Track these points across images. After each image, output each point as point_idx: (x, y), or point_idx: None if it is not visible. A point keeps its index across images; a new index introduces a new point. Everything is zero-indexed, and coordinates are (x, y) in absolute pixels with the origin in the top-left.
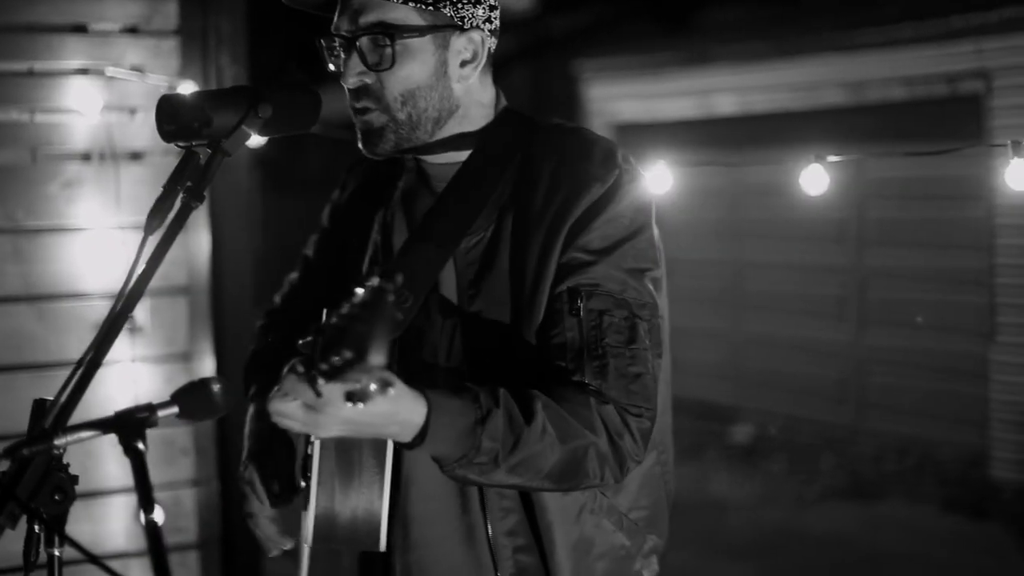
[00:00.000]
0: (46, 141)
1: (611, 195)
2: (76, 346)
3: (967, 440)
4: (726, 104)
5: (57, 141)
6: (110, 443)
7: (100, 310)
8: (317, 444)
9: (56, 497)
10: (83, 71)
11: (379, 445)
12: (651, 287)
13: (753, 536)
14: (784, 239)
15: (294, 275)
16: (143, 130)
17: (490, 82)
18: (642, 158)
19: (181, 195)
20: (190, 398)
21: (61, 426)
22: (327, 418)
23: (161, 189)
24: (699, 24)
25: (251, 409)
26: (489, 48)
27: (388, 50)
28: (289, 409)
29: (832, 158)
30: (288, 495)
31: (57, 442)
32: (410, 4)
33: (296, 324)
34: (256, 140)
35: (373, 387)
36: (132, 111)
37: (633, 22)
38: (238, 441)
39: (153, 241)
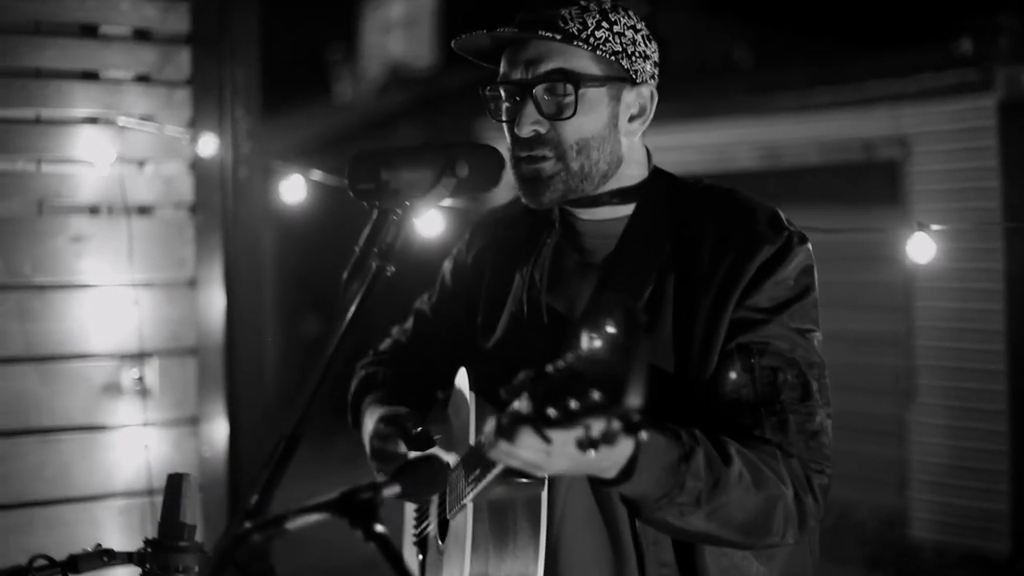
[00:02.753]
0: (54, 192)
1: (780, 257)
2: (81, 410)
3: (887, 501)
4: None
5: (65, 192)
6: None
7: (108, 371)
8: (469, 508)
9: None
10: (92, 120)
11: (534, 508)
12: (817, 347)
13: None
14: None
15: (404, 327)
16: (154, 182)
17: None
18: None
19: (376, 259)
20: (413, 476)
21: (266, 503)
22: (553, 461)
23: (355, 251)
24: None
25: (374, 413)
26: (655, 104)
27: (569, 99)
28: (512, 451)
29: (935, 227)
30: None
31: (288, 526)
32: (595, 52)
33: (409, 376)
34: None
35: (616, 426)
36: (142, 163)
37: None
38: None
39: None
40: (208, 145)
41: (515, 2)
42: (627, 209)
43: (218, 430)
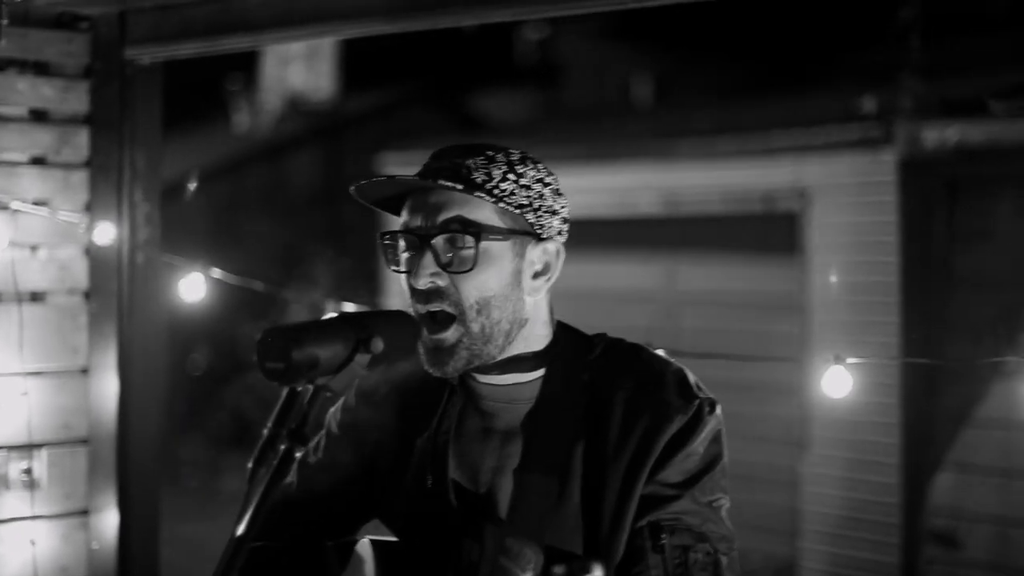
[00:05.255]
0: None
1: (691, 427)
2: None
3: (778, 550)
4: None
5: None
6: None
7: None
8: None
9: None
10: None
11: None
12: (726, 518)
13: None
14: None
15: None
16: (47, 268)
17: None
18: None
19: (284, 439)
20: None
21: None
22: None
23: (263, 434)
24: (505, 124)
25: None
26: (561, 261)
27: (469, 251)
28: None
29: (851, 360)
30: None
31: None
32: (498, 204)
33: (294, 532)
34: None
35: None
36: (35, 247)
37: (430, 118)
38: None
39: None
40: (105, 233)
41: (403, 41)
42: (532, 374)
43: (108, 522)
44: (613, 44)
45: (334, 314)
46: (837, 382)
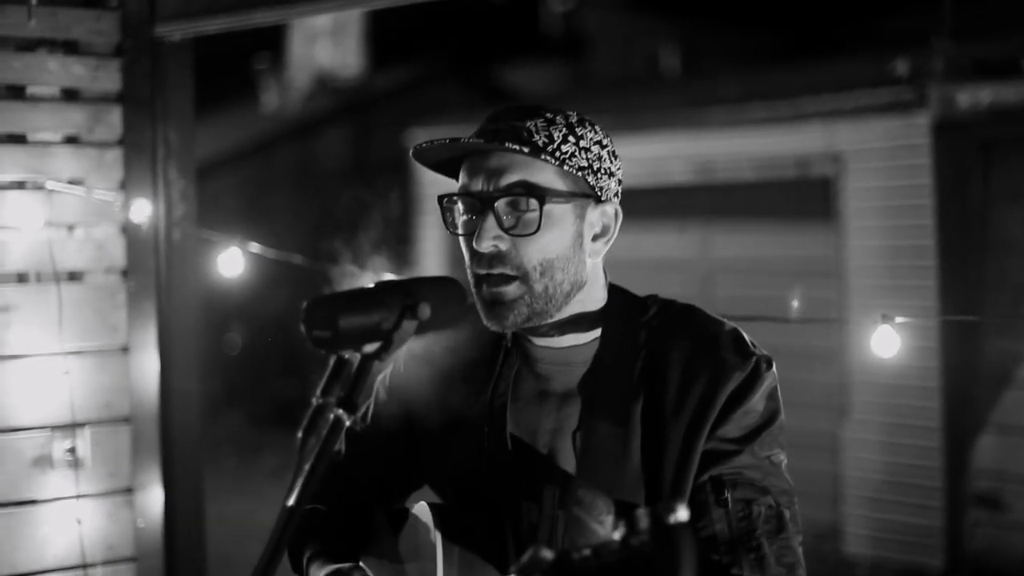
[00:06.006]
0: None
1: (749, 384)
2: (10, 484)
3: (820, 516)
4: None
5: None
6: None
7: (38, 444)
8: None
9: None
10: (20, 184)
11: None
12: (785, 472)
13: None
14: None
15: (335, 448)
16: (84, 247)
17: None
18: None
19: (333, 408)
20: None
21: None
22: None
23: (312, 403)
24: (534, 97)
25: (319, 568)
26: (619, 223)
27: (532, 214)
28: None
29: (899, 319)
30: None
31: None
32: (562, 167)
33: (347, 508)
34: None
35: None
36: (71, 227)
37: (457, 93)
38: None
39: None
40: (141, 211)
41: (429, 16)
42: (588, 335)
43: (154, 500)
44: (640, 13)
45: (380, 281)
46: (886, 342)
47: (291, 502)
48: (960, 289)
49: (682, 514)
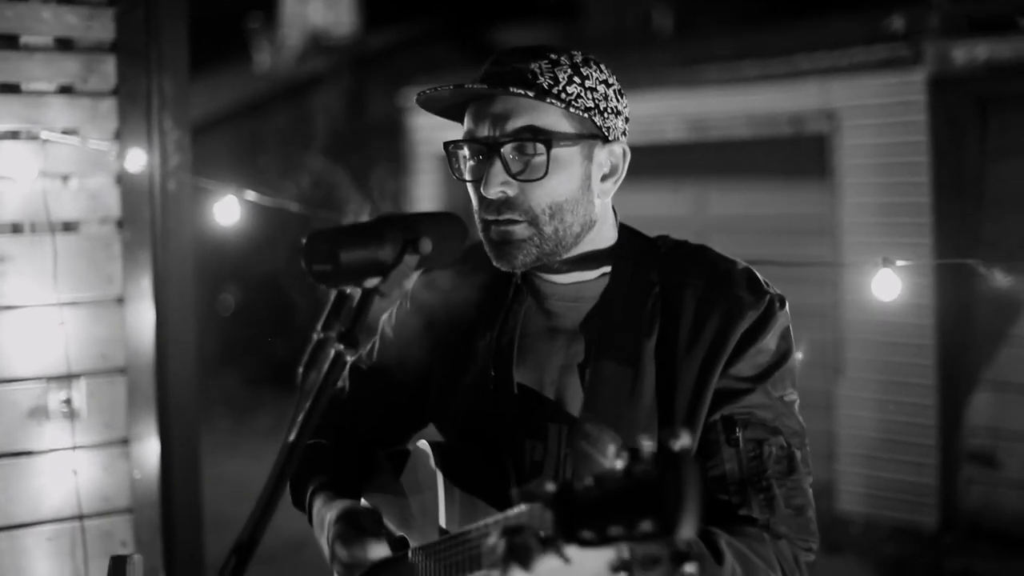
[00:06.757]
0: None
1: (763, 323)
2: (5, 435)
3: (814, 474)
4: None
5: None
6: None
7: (34, 395)
8: None
9: None
10: (13, 134)
11: None
12: (797, 413)
13: None
14: None
15: (337, 384)
16: (79, 197)
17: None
18: None
19: (334, 342)
20: None
21: None
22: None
23: (313, 338)
24: None
25: (327, 509)
26: (627, 162)
27: (540, 158)
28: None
29: (900, 263)
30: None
31: None
32: (568, 109)
33: (351, 444)
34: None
35: (663, 554)
36: (66, 177)
37: (451, 53)
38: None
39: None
40: (136, 161)
41: None
42: (598, 271)
43: (150, 451)
44: None
45: (381, 215)
46: (886, 286)
47: (292, 437)
48: (956, 246)
49: (685, 440)
